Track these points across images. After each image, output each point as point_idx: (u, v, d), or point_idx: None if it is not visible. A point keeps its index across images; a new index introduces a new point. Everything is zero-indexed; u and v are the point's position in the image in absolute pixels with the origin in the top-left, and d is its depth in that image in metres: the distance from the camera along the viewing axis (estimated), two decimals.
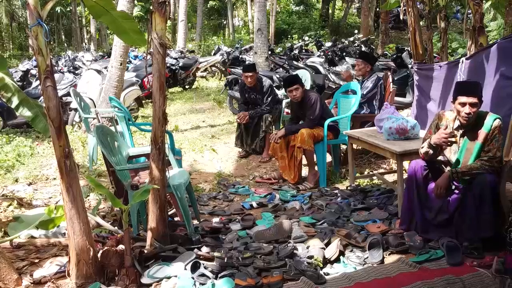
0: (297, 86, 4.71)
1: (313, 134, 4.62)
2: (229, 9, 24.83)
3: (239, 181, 4.99)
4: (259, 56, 10.59)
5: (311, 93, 4.76)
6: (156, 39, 2.93)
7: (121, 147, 3.71)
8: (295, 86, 4.71)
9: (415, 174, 3.20)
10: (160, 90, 2.98)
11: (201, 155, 5.96)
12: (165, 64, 3.01)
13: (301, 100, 4.75)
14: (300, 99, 4.74)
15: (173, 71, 11.75)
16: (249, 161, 5.68)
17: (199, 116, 8.84)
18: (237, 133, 5.84)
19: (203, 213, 4.09)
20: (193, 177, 5.17)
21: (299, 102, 4.78)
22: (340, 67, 7.44)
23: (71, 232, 2.79)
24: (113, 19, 3.22)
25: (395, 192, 4.17)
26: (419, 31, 5.33)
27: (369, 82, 5.29)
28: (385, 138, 4.00)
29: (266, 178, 4.97)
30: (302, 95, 4.73)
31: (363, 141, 4.18)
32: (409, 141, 3.91)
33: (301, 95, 4.72)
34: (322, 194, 4.44)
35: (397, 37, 19.53)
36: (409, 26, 5.35)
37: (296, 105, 4.88)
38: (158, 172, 3.06)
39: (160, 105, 3.00)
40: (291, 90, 4.73)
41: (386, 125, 3.98)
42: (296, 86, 4.71)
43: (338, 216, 3.81)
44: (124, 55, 7.04)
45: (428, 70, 4.99)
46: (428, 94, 4.98)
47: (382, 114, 4.31)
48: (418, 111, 5.17)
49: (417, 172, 3.20)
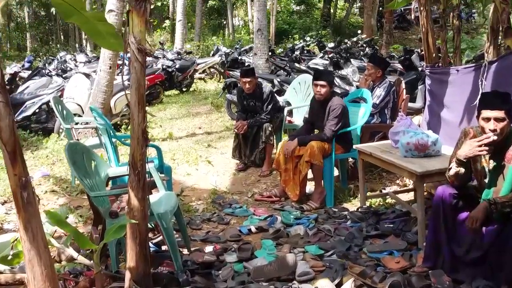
0: (325, 83, 4.24)
1: (323, 148, 4.13)
2: (229, 9, 24.31)
3: (237, 199, 4.50)
4: (259, 58, 10.10)
5: (337, 100, 4.30)
6: (133, 44, 2.43)
7: (99, 166, 3.22)
8: (323, 83, 4.24)
9: (443, 203, 2.71)
10: (139, 104, 2.49)
11: (196, 167, 5.46)
12: (145, 73, 2.51)
13: (323, 102, 4.28)
14: (323, 98, 4.27)
15: (170, 73, 11.25)
16: (247, 175, 5.18)
17: (196, 121, 8.35)
18: (235, 144, 5.34)
19: (195, 239, 3.60)
20: (186, 193, 4.67)
21: (321, 103, 4.29)
22: (346, 70, 6.95)
23: (31, 277, 2.29)
24: (85, 20, 2.71)
25: (411, 214, 3.69)
26: (432, 31, 4.85)
27: (381, 89, 4.79)
28: (402, 155, 3.50)
29: (266, 196, 4.48)
30: (327, 96, 4.27)
31: (376, 158, 3.68)
32: (430, 158, 3.42)
33: (325, 95, 4.27)
34: (329, 216, 3.95)
35: (400, 37, 19.04)
36: (421, 26, 4.88)
37: (317, 106, 4.40)
38: (137, 202, 2.56)
39: (139, 122, 2.50)
40: (317, 85, 4.27)
41: (403, 140, 3.49)
42: (324, 83, 4.24)
43: (349, 245, 3.32)
44: (114, 58, 6.55)
45: (442, 74, 4.51)
46: (442, 100, 4.50)
47: (397, 126, 3.82)
48: (430, 118, 4.68)
49: (445, 201, 2.71)
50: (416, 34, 18.76)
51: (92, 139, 5.46)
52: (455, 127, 4.08)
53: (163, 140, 6.93)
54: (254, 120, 5.09)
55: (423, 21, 4.82)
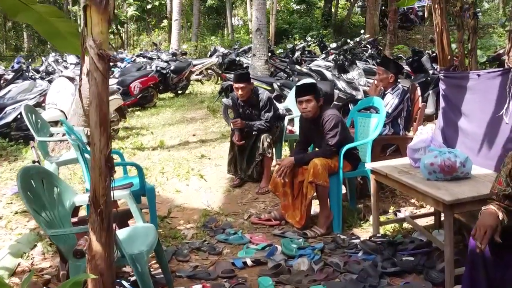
0: (309, 97, 3.67)
1: (328, 166, 3.59)
2: (228, 8, 23.77)
3: (231, 222, 3.96)
4: (258, 59, 9.58)
5: (329, 111, 3.71)
6: (92, 48, 1.89)
7: (63, 194, 2.68)
8: (307, 97, 3.67)
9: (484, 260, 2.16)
10: (101, 126, 1.95)
11: (187, 182, 4.93)
12: (108, 86, 1.98)
13: (315, 118, 3.72)
14: (312, 115, 3.71)
15: (164, 75, 10.72)
16: (244, 192, 4.64)
17: (190, 128, 7.81)
18: (230, 157, 4.80)
19: (181, 275, 3.07)
20: (174, 215, 4.14)
21: (312, 120, 3.75)
22: (351, 73, 6.40)
23: None
24: (38, 18, 2.19)
25: (434, 244, 3.16)
26: (447, 31, 4.32)
27: (394, 96, 4.25)
28: (424, 177, 2.97)
29: (264, 219, 3.94)
30: (317, 111, 3.70)
31: (393, 180, 3.14)
32: (459, 182, 2.88)
33: (314, 111, 3.69)
34: (337, 246, 3.41)
35: (404, 37, 18.52)
36: (435, 26, 4.36)
37: (308, 124, 3.85)
38: (101, 248, 2.03)
39: (101, 148, 1.97)
40: (302, 102, 3.69)
41: (426, 160, 2.95)
42: (309, 98, 3.67)
43: (363, 286, 2.79)
44: None
45: (460, 79, 3.98)
46: (459, 108, 3.97)
47: (416, 142, 3.28)
48: (445, 126, 4.15)
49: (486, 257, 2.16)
50: (420, 34, 18.27)
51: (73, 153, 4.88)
52: (476, 139, 3.58)
53: (153, 149, 6.39)
54: (253, 123, 4.54)
55: (437, 20, 4.30)
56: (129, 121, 8.45)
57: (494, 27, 12.96)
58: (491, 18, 18.99)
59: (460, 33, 4.85)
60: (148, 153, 6.18)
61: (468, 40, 5.10)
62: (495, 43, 11.58)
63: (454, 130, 3.97)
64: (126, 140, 6.83)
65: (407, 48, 13.22)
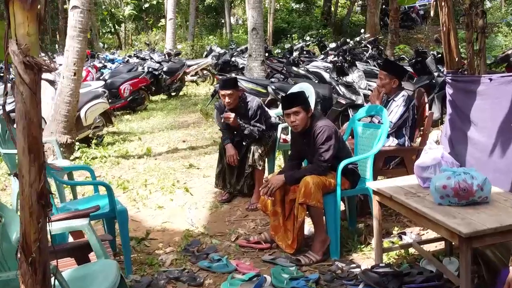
0: (297, 108, 3.25)
1: (322, 184, 3.16)
2: (226, 7, 23.32)
3: (216, 245, 3.54)
4: (254, 60, 9.18)
5: (321, 123, 3.27)
6: (16, 55, 1.47)
7: (9, 226, 2.26)
8: (295, 109, 3.24)
9: None
10: (30, 153, 1.53)
11: (171, 196, 4.51)
12: (39, 102, 1.56)
13: (306, 131, 3.30)
14: (302, 128, 3.29)
15: (156, 76, 10.31)
16: (232, 208, 4.22)
17: (181, 133, 7.40)
18: (218, 170, 4.38)
19: None
20: (154, 236, 3.72)
21: (303, 133, 3.33)
22: (351, 76, 5.97)
23: None
24: None
25: (445, 275, 2.75)
26: (455, 31, 3.91)
27: (398, 103, 3.83)
28: (435, 202, 2.55)
29: (253, 241, 3.51)
30: (307, 123, 3.28)
31: (399, 204, 2.72)
32: (476, 208, 2.47)
33: (304, 123, 3.27)
34: (335, 276, 2.99)
35: (405, 36, 18.06)
36: (441, 25, 3.96)
37: (299, 138, 3.43)
38: None
39: (32, 181, 1.55)
40: (289, 114, 3.27)
41: (438, 183, 2.53)
42: (296, 109, 3.24)
43: None
44: (80, 63, 5.60)
45: (469, 83, 3.58)
46: (468, 115, 3.55)
47: (425, 159, 2.86)
48: (452, 135, 3.74)
49: None
50: (422, 33, 17.85)
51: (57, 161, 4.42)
52: (486, 151, 3.20)
53: (139, 157, 5.98)
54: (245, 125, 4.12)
55: (444, 19, 3.90)
56: (117, 125, 8.04)
57: (498, 26, 12.52)
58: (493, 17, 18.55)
59: (469, 33, 4.41)
60: (133, 162, 5.77)
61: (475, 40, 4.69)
62: (500, 43, 11.17)
63: (462, 139, 3.57)
64: (111, 147, 6.42)
65: (409, 48, 12.80)
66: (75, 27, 5.50)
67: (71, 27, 5.55)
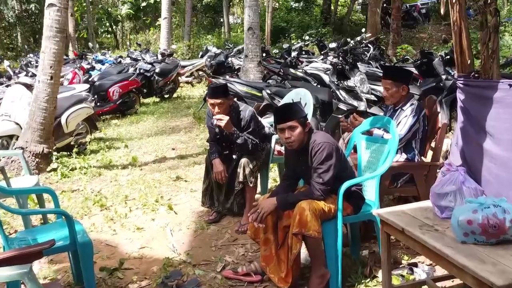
0: (293, 122, 2.78)
1: (320, 210, 2.70)
2: (225, 6, 22.84)
3: (199, 277, 3.08)
4: (250, 60, 8.74)
5: (319, 138, 2.79)
6: None
7: None
8: (290, 123, 2.78)
9: None
10: None
11: (153, 215, 4.05)
12: None
13: (303, 147, 2.84)
14: (299, 145, 2.83)
15: (148, 78, 9.85)
16: (220, 230, 3.76)
17: (171, 140, 6.95)
18: (205, 186, 3.92)
19: None
20: (129, 265, 3.26)
21: (299, 150, 2.87)
22: (353, 80, 5.51)
23: None
24: None
25: None
26: (467, 30, 3.47)
27: (407, 113, 3.37)
28: (458, 239, 2.11)
29: (242, 273, 3.05)
30: (304, 138, 2.82)
31: (412, 239, 2.27)
32: (508, 248, 2.02)
33: (301, 139, 2.81)
34: None
35: (407, 36, 17.57)
36: (452, 24, 3.51)
37: (293, 156, 2.97)
38: None
39: None
40: (283, 130, 2.81)
41: (461, 216, 2.08)
42: (292, 123, 2.78)
43: None
44: (57, 66, 5.14)
45: (484, 89, 3.12)
46: (482, 125, 3.09)
47: (443, 184, 2.41)
48: (465, 146, 3.29)
49: None
50: (425, 32, 17.37)
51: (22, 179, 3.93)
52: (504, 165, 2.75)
53: (123, 168, 5.52)
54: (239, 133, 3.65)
55: (455, 17, 3.45)
56: (105, 130, 7.59)
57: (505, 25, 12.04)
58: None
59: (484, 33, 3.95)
60: (116, 173, 5.31)
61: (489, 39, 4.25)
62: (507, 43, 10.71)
63: (476, 152, 3.10)
64: (94, 156, 5.96)
65: (412, 48, 12.35)
66: (52, 26, 5.05)
67: (47, 27, 5.10)
